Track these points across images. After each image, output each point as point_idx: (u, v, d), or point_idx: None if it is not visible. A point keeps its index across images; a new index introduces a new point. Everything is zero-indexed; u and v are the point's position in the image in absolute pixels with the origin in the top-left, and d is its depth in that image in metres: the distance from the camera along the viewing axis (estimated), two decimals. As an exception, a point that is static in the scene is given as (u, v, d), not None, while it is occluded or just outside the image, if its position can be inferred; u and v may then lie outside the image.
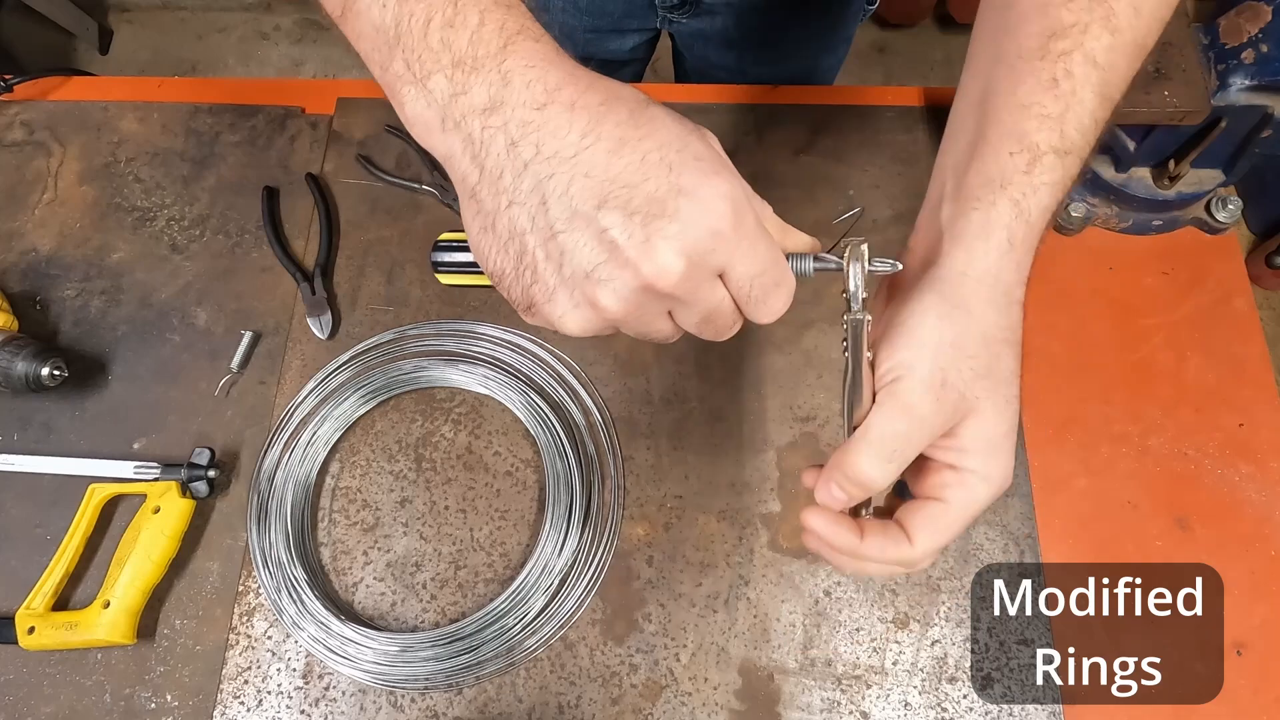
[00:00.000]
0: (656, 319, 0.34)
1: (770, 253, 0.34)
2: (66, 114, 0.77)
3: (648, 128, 0.32)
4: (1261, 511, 0.61)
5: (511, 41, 0.32)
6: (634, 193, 0.31)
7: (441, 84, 0.32)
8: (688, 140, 0.33)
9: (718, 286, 0.34)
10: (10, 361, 0.60)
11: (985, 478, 0.38)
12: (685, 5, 0.82)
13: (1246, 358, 0.66)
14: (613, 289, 0.32)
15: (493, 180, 0.33)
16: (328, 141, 0.75)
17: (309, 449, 0.63)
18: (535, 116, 0.31)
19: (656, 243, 0.31)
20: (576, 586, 0.59)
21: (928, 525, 0.38)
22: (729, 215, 0.32)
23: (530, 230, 0.32)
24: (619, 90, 0.33)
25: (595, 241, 0.31)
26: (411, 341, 0.67)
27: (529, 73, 0.32)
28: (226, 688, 0.58)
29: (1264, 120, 0.59)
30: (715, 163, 0.33)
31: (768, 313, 0.35)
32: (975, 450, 0.37)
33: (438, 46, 0.32)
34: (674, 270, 0.31)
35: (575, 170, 0.31)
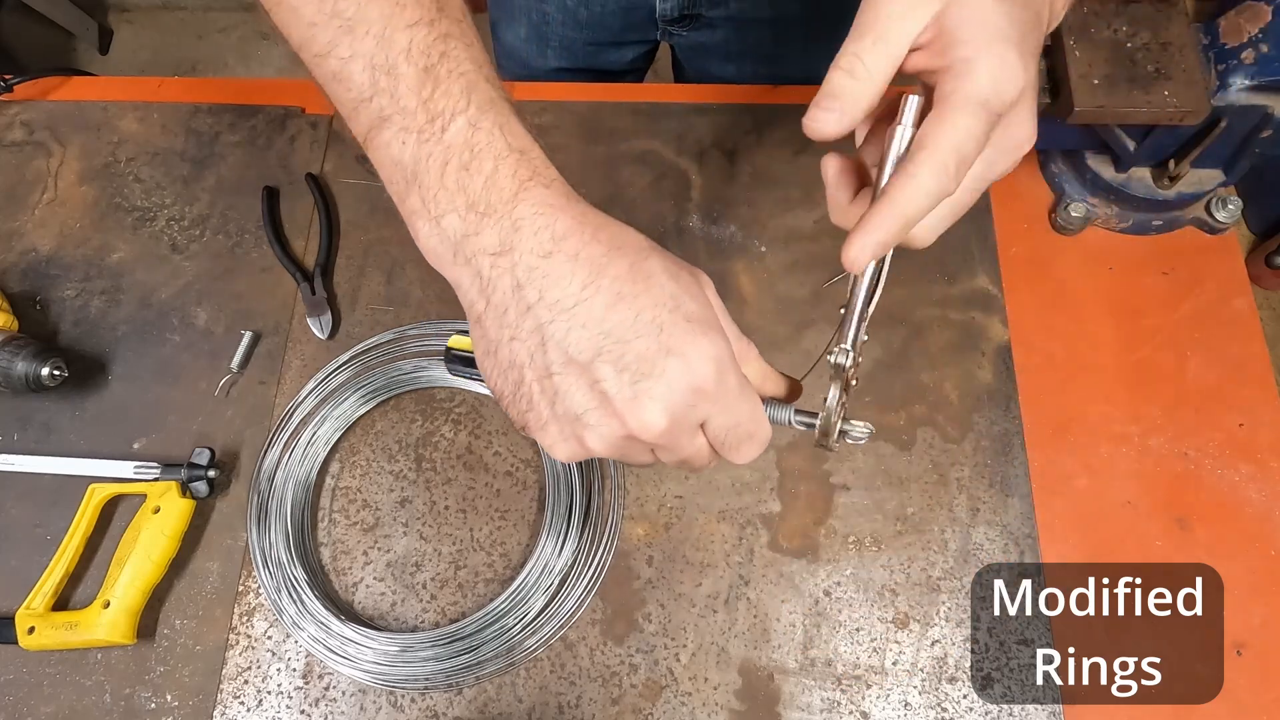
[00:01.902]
0: (639, 455, 0.37)
1: (747, 407, 0.37)
2: (66, 114, 0.77)
3: (644, 284, 0.34)
4: (1261, 511, 0.61)
5: (524, 188, 0.34)
6: (626, 349, 0.34)
7: (455, 223, 0.34)
8: (680, 299, 0.35)
9: (697, 436, 0.37)
10: (10, 361, 0.60)
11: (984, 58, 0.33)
12: (685, 19, 0.82)
13: (1246, 358, 0.66)
14: (600, 434, 0.35)
15: (498, 314, 0.35)
16: (328, 141, 0.75)
17: (309, 449, 0.63)
18: (541, 264, 0.34)
19: (643, 400, 0.34)
20: (576, 586, 0.59)
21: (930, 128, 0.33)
22: (712, 376, 0.34)
23: (529, 365, 0.35)
24: (622, 238, 0.35)
25: (588, 389, 0.34)
26: (411, 341, 0.67)
27: (538, 220, 0.34)
28: (226, 688, 0.58)
29: (1264, 120, 0.59)
30: (703, 324, 0.35)
31: (741, 459, 0.38)
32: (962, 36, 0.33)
33: (453, 188, 0.34)
34: (657, 426, 0.34)
35: (574, 320, 0.33)
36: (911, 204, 0.33)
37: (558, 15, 0.84)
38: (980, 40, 0.33)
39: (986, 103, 0.33)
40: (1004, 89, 0.33)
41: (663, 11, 0.81)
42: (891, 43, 0.33)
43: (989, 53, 0.33)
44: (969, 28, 0.33)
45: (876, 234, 0.33)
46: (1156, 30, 0.59)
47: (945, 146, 0.33)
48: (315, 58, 0.36)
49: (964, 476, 0.62)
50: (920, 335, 0.66)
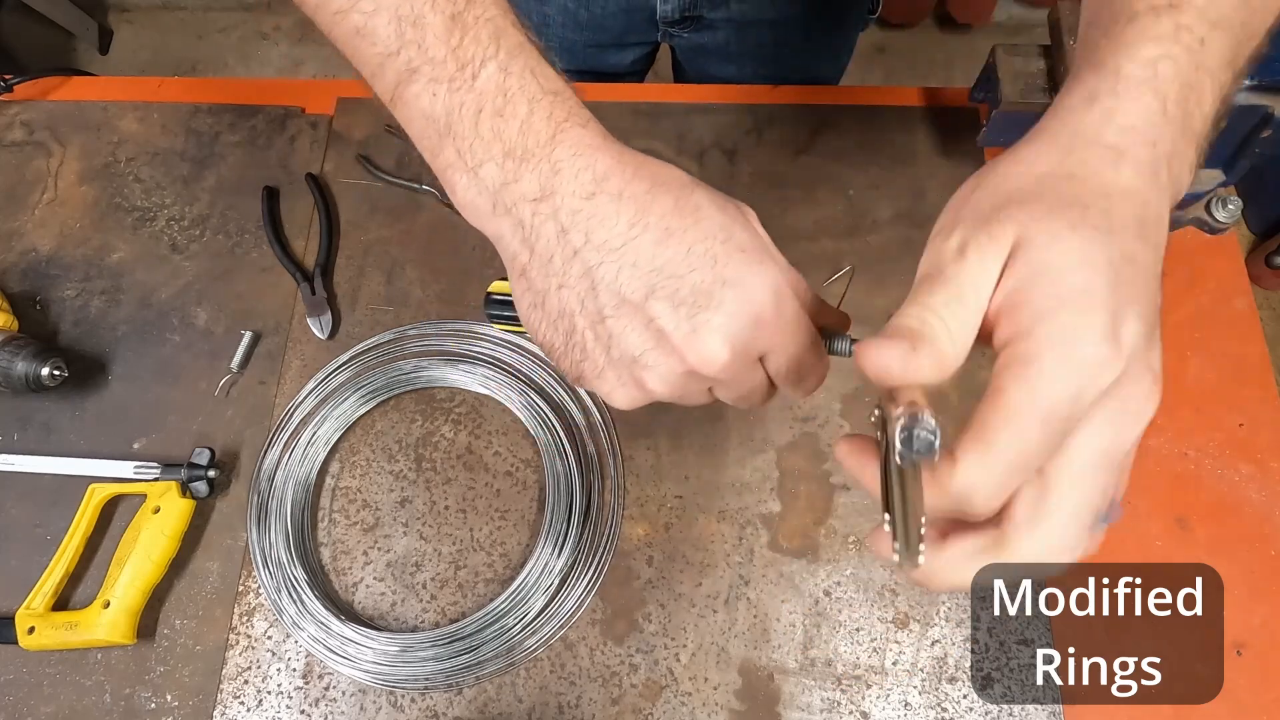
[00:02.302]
0: (698, 395, 0.36)
1: (808, 339, 0.35)
2: (66, 114, 0.77)
3: (692, 217, 0.33)
4: (1261, 511, 0.61)
5: (560, 130, 0.33)
6: (680, 283, 0.32)
7: (493, 172, 0.33)
8: (731, 230, 0.34)
9: (757, 369, 0.35)
10: (10, 361, 0.60)
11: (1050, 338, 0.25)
12: (686, 21, 0.82)
13: (1246, 358, 0.66)
14: (659, 374, 0.34)
15: (543, 263, 0.34)
16: (328, 141, 0.75)
17: (309, 449, 0.63)
18: (584, 205, 0.33)
19: (702, 333, 0.32)
20: (576, 586, 0.59)
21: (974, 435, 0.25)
22: (771, 305, 0.33)
23: (579, 312, 0.34)
24: (664, 175, 0.34)
25: (643, 329, 0.33)
26: (411, 341, 0.67)
27: (577, 161, 0.33)
28: (226, 688, 0.58)
29: (1264, 120, 0.59)
30: (758, 252, 0.34)
31: (802, 392, 0.37)
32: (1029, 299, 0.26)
33: (489, 136, 0.33)
34: (719, 358, 0.33)
35: (623, 260, 0.33)
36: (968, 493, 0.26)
37: (558, 17, 0.84)
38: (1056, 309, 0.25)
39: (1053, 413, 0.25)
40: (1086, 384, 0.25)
41: (663, 13, 0.81)
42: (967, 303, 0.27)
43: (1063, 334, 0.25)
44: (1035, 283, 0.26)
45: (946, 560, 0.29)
46: (1156, 30, 0.59)
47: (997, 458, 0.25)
48: (335, 15, 0.35)
49: (964, 476, 0.62)
50: (920, 335, 0.66)
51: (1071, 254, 0.26)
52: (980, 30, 1.96)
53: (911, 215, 0.70)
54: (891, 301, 0.67)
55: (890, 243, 0.69)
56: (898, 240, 0.69)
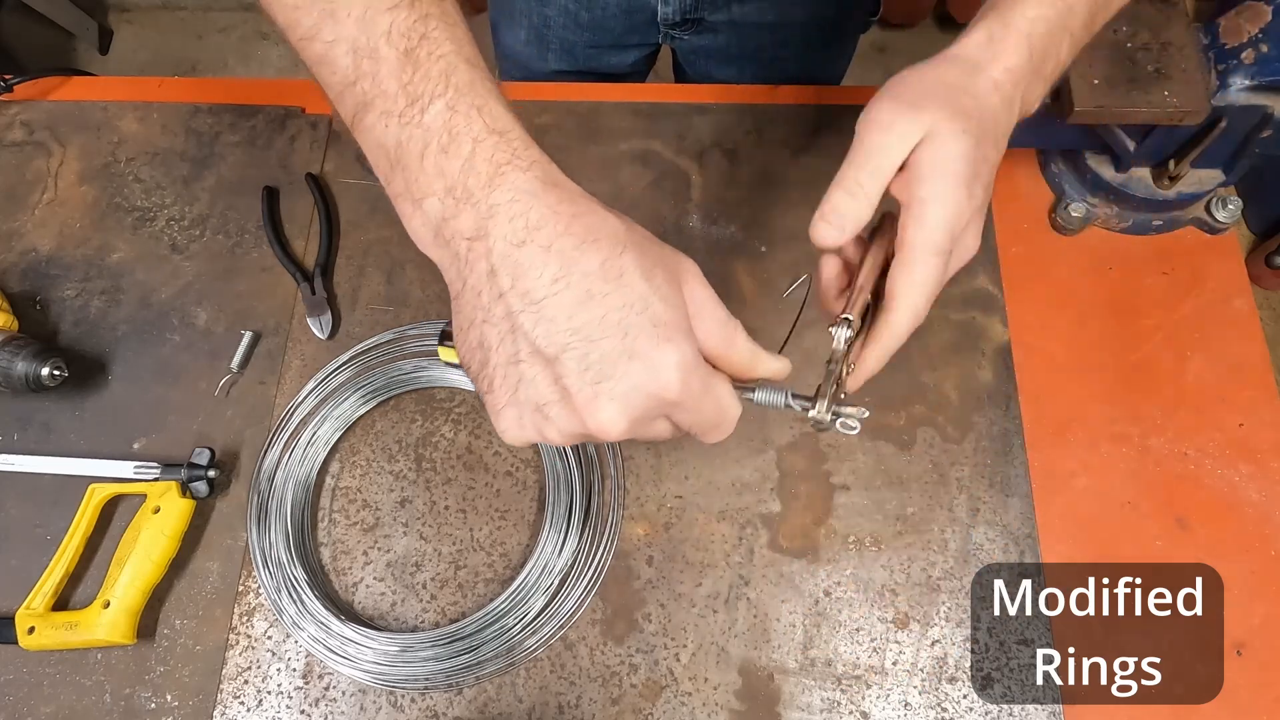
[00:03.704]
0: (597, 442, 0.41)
1: (711, 407, 0.37)
2: (66, 114, 0.77)
3: (615, 283, 0.34)
4: (1261, 511, 0.61)
5: (499, 172, 0.34)
6: (591, 347, 0.34)
7: (435, 206, 0.35)
8: (649, 301, 0.35)
9: (659, 424, 0.38)
10: (10, 361, 0.60)
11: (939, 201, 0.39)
12: (687, 23, 0.82)
13: (1246, 358, 0.66)
14: (558, 427, 0.35)
15: (473, 296, 0.35)
16: (328, 141, 0.75)
17: (309, 449, 0.63)
18: (514, 252, 0.34)
19: (603, 401, 0.34)
20: (576, 586, 0.59)
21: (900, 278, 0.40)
22: (675, 382, 0.35)
23: (496, 349, 0.35)
24: (598, 230, 0.35)
25: (551, 382, 0.34)
26: (411, 341, 0.67)
27: (513, 207, 0.34)
28: (226, 688, 0.58)
29: (1264, 120, 0.59)
30: (669, 329, 0.35)
31: (708, 441, 0.40)
32: (925, 175, 0.39)
33: (432, 172, 0.34)
34: (615, 427, 0.35)
35: (542, 314, 0.34)
36: (895, 342, 0.42)
37: (558, 18, 0.84)
38: (935, 180, 0.39)
39: (939, 246, 0.40)
40: (953, 226, 0.40)
41: (664, 15, 0.81)
42: (884, 170, 0.40)
43: (941, 195, 0.39)
44: (927, 167, 0.40)
45: (868, 367, 0.44)
46: (1156, 30, 0.59)
47: (915, 298, 0.40)
48: (301, 41, 0.37)
49: (964, 476, 0.62)
50: (920, 335, 0.65)
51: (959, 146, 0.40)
52: (980, 30, 1.96)
53: (911, 215, 0.70)
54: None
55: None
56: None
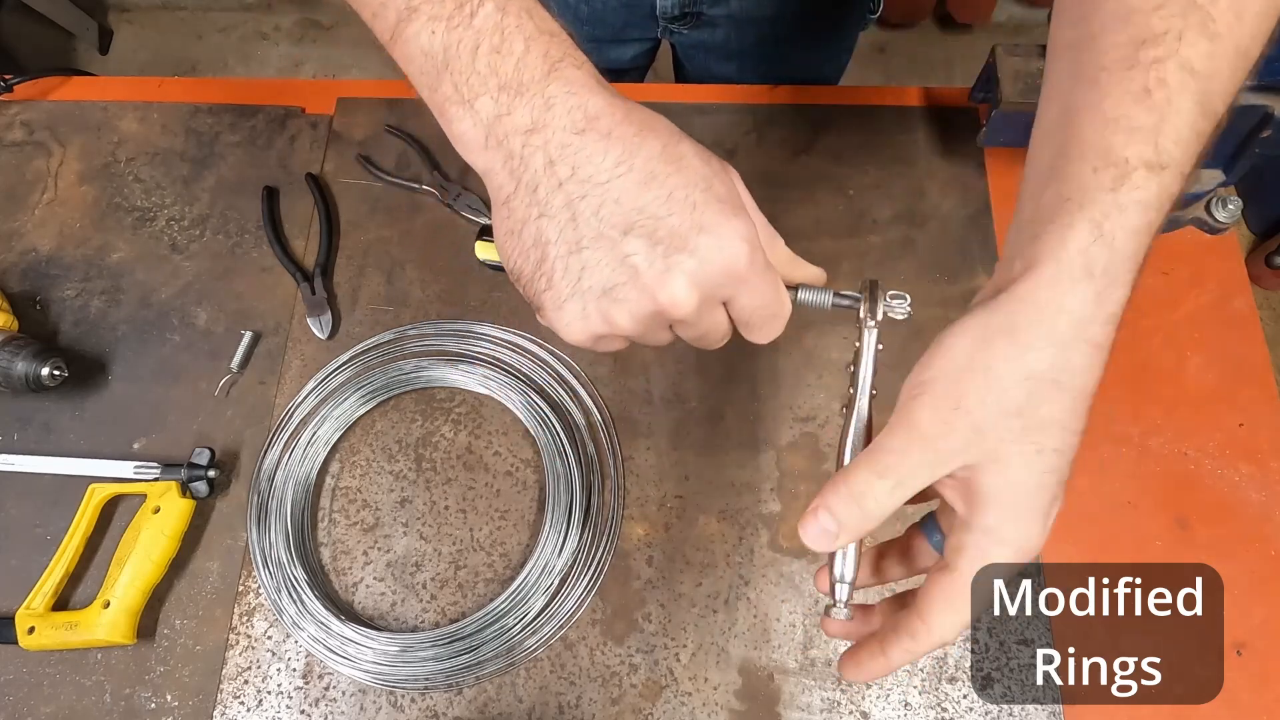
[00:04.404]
0: (659, 332, 0.37)
1: (773, 290, 0.37)
2: (66, 114, 0.77)
3: (677, 164, 0.34)
4: (1261, 511, 0.61)
5: (555, 68, 0.34)
6: (659, 224, 0.33)
7: (488, 105, 0.34)
8: (712, 181, 0.35)
9: (720, 312, 0.37)
10: (10, 361, 0.60)
11: (999, 538, 0.34)
12: (686, 17, 0.82)
13: (1246, 358, 0.66)
14: (628, 309, 0.35)
15: (528, 192, 0.34)
16: (328, 141, 0.75)
17: (309, 449, 0.63)
18: (574, 140, 0.33)
19: (675, 274, 0.34)
20: (576, 586, 0.59)
21: (939, 598, 0.35)
22: (743, 255, 0.34)
23: (555, 241, 0.34)
24: (654, 122, 0.35)
25: (618, 263, 0.34)
26: (411, 341, 0.67)
27: (570, 99, 0.34)
28: (226, 688, 0.58)
29: (1264, 120, 0.59)
30: (735, 204, 0.35)
31: (762, 337, 0.38)
32: (990, 503, 0.34)
33: (485, 71, 0.34)
34: (687, 301, 0.34)
35: (606, 195, 0.33)
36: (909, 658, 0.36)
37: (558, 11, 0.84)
38: (1008, 506, 0.34)
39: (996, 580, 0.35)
40: (1022, 559, 0.35)
41: (663, 9, 0.81)
42: (911, 489, 0.34)
43: (1015, 524, 0.34)
44: (994, 494, 0.33)
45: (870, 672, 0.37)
46: (1156, 30, 0.59)
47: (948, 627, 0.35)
48: None
49: (964, 476, 0.62)
50: (920, 335, 0.66)
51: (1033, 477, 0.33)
52: (980, 30, 1.96)
53: (911, 215, 0.70)
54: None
55: (890, 242, 0.69)
56: (898, 240, 0.69)
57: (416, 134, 0.73)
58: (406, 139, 0.73)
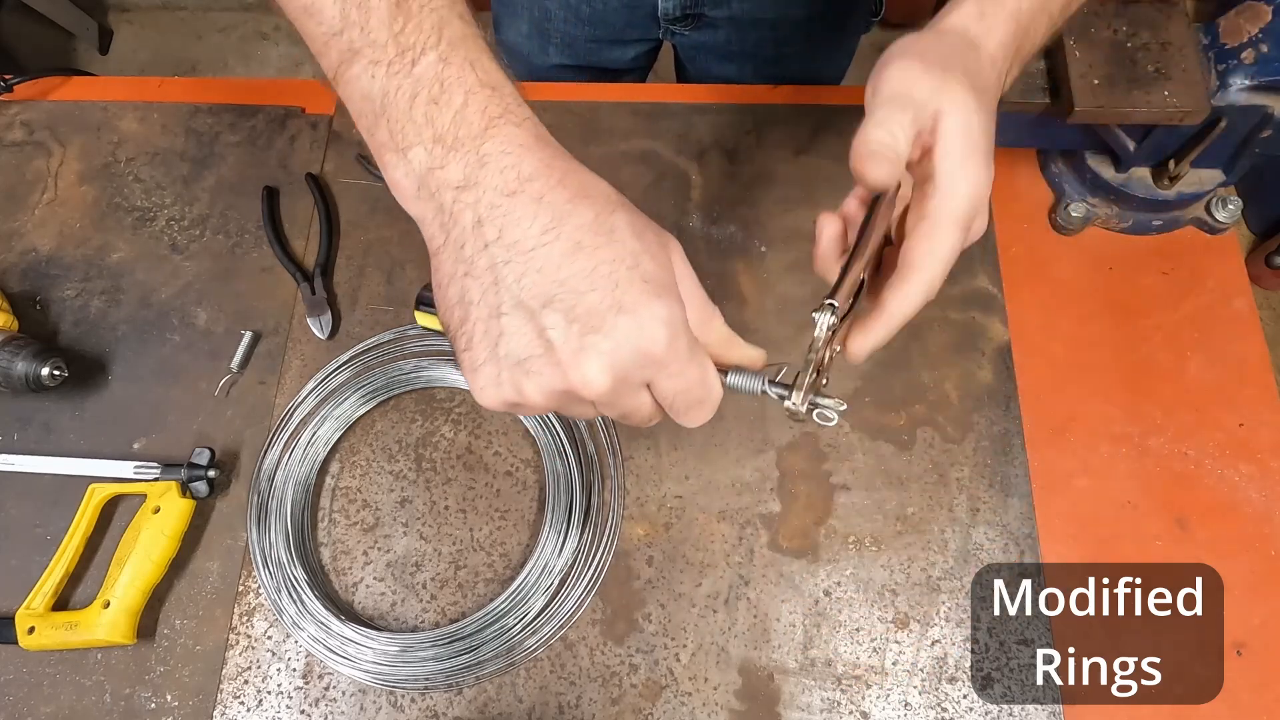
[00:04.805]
0: (577, 408, 0.36)
1: (697, 374, 0.36)
2: (66, 114, 0.77)
3: (607, 236, 0.34)
4: (1261, 511, 0.61)
5: (493, 124, 0.34)
6: (579, 300, 0.33)
7: (421, 156, 0.34)
8: (640, 258, 0.34)
9: (642, 394, 0.36)
10: (10, 361, 0.60)
11: (965, 173, 0.38)
12: (687, 18, 0.82)
13: (1246, 358, 0.66)
14: (539, 384, 0.34)
15: (455, 249, 0.34)
16: (328, 141, 0.75)
17: (309, 449, 0.63)
18: (504, 202, 0.33)
19: (589, 355, 0.33)
20: (576, 586, 0.59)
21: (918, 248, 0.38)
22: (662, 340, 0.34)
23: (477, 303, 0.34)
24: (590, 188, 0.35)
25: (534, 335, 0.33)
26: (411, 341, 0.67)
27: (505, 158, 0.33)
28: (226, 688, 0.58)
29: (1264, 120, 0.59)
30: (661, 284, 0.35)
31: (689, 422, 0.38)
32: (952, 147, 0.38)
33: (420, 121, 0.34)
34: (599, 384, 0.34)
35: (530, 264, 0.33)
36: (904, 314, 0.39)
37: (560, 12, 0.84)
38: (962, 152, 0.38)
39: (963, 218, 0.38)
40: (977, 201, 0.39)
41: (665, 10, 0.81)
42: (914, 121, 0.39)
43: (968, 168, 0.38)
44: (954, 138, 0.38)
45: (876, 337, 0.40)
46: (1156, 30, 0.59)
47: (934, 265, 0.38)
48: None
49: (964, 476, 0.62)
50: (920, 335, 0.66)
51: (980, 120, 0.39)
52: (980, 30, 1.96)
53: (911, 215, 0.70)
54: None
55: (890, 243, 0.69)
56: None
57: (416, 134, 0.73)
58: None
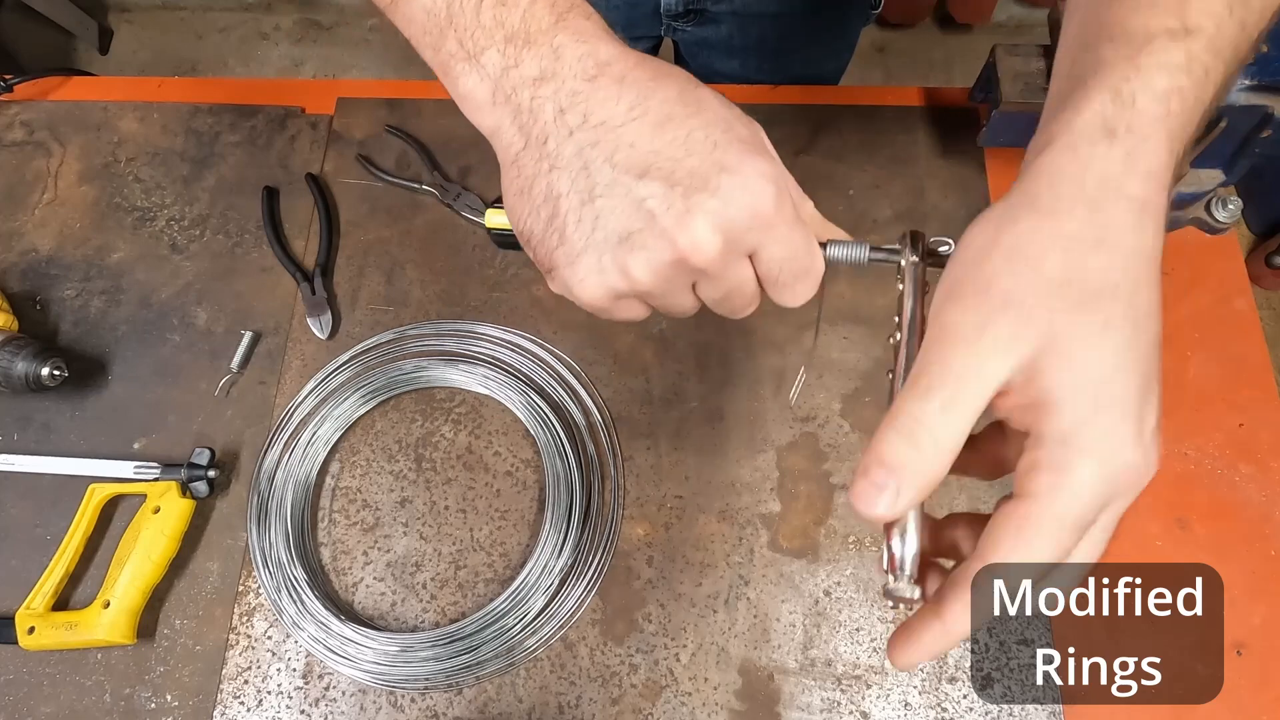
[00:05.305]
0: (680, 291, 0.34)
1: (804, 239, 0.34)
2: (66, 114, 0.77)
3: (695, 106, 0.33)
4: (1261, 511, 0.61)
5: (563, 18, 0.33)
6: (677, 165, 0.31)
7: (494, 58, 0.33)
8: (733, 123, 0.33)
9: (746, 266, 0.34)
10: (10, 361, 0.60)
11: (1080, 447, 0.26)
12: (690, 14, 0.82)
13: (1246, 358, 0.66)
14: (646, 258, 0.32)
15: (537, 145, 0.33)
16: (328, 141, 0.75)
17: (309, 449, 0.63)
18: (585, 87, 0.32)
19: (696, 216, 0.31)
20: (576, 586, 0.59)
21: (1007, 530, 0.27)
22: (770, 196, 0.32)
23: (568, 193, 0.33)
24: (669, 69, 0.34)
25: (633, 209, 0.32)
26: (411, 341, 0.67)
27: (580, 47, 0.32)
28: (226, 688, 0.58)
29: (1264, 120, 0.59)
30: (759, 146, 0.33)
31: (792, 297, 0.35)
32: (1060, 403, 0.26)
33: (490, 24, 0.33)
34: (709, 246, 0.31)
35: (620, 140, 0.32)
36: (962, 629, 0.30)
37: None
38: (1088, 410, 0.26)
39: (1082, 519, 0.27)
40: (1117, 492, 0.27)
41: (667, 6, 0.81)
42: (968, 405, 0.27)
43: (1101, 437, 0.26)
44: (1070, 388, 0.26)
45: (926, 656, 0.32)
46: (1156, 30, 0.59)
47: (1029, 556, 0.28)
48: None
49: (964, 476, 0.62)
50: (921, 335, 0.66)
51: (1106, 359, 0.26)
52: (980, 30, 1.96)
53: (911, 215, 0.70)
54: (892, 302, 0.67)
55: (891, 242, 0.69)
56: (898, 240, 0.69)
57: (416, 134, 0.73)
58: (406, 139, 0.73)
